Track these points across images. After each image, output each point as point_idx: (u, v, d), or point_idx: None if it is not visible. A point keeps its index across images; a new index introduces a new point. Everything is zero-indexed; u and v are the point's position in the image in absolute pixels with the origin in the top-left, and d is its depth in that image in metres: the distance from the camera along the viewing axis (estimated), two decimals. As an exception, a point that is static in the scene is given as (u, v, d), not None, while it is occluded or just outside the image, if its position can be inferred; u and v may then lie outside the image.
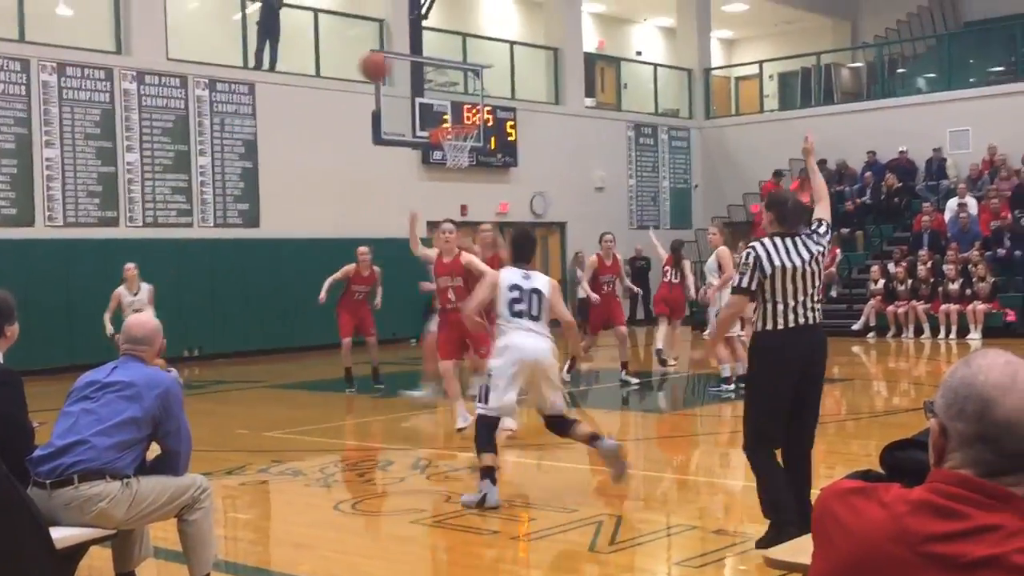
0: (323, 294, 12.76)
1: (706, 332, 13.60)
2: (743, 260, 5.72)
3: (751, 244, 5.79)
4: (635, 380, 12.90)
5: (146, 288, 12.65)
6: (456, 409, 9.44)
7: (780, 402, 5.56)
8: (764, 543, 5.22)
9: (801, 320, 5.58)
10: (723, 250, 11.81)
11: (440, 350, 9.54)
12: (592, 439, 7.13)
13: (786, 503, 5.44)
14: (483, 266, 9.11)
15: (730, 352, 11.60)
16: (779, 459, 5.63)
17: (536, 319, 7.12)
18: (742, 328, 11.29)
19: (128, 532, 4.59)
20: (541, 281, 7.25)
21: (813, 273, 5.62)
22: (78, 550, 4.43)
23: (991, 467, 1.67)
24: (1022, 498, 1.67)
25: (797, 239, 5.66)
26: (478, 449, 6.91)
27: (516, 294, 7.10)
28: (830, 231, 5.85)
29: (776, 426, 5.57)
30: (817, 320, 5.65)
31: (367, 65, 6.57)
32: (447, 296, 9.46)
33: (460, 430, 9.22)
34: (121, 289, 12.59)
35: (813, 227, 5.78)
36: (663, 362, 13.72)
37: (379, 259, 14.18)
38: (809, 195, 6.43)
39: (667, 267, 13.81)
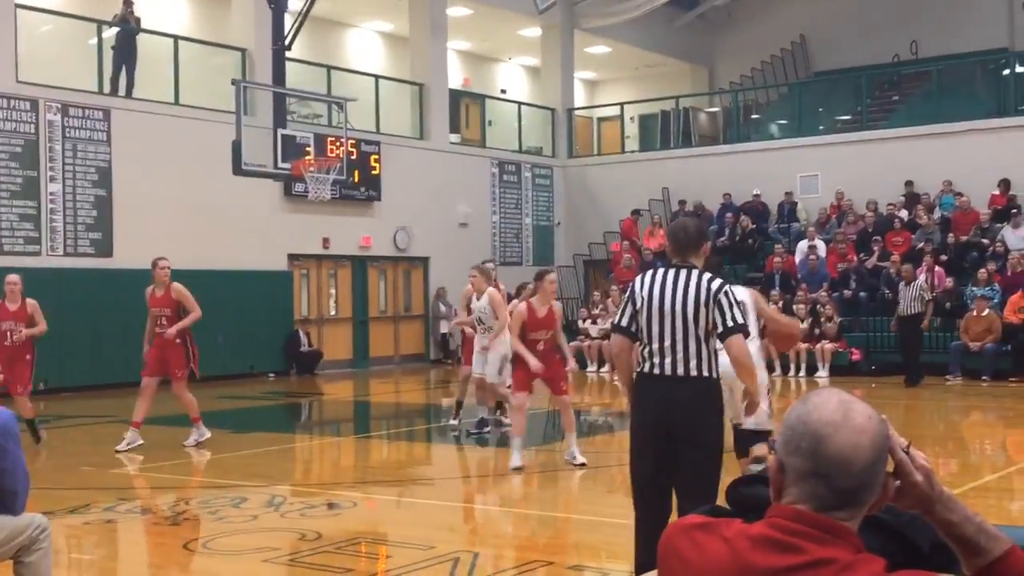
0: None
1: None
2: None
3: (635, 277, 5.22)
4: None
5: None
6: (516, 445, 9.38)
7: (639, 449, 5.03)
8: None
9: (668, 369, 4.88)
10: (493, 292, 11.23)
11: (515, 384, 9.53)
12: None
13: (641, 546, 5.06)
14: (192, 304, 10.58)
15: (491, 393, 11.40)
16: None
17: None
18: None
19: (-42, 575, 4.36)
20: (742, 293, 6.68)
21: (687, 317, 4.86)
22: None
23: (824, 502, 1.72)
24: (855, 532, 1.73)
25: (683, 272, 4.94)
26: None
27: None
28: (734, 302, 4.98)
29: (640, 470, 5.02)
30: (691, 372, 4.88)
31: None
32: (536, 347, 9.40)
33: (517, 469, 9.15)
34: None
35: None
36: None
37: (237, 292, 13.75)
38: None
39: None
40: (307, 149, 15.76)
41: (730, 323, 4.86)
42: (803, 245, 21.02)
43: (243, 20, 19.89)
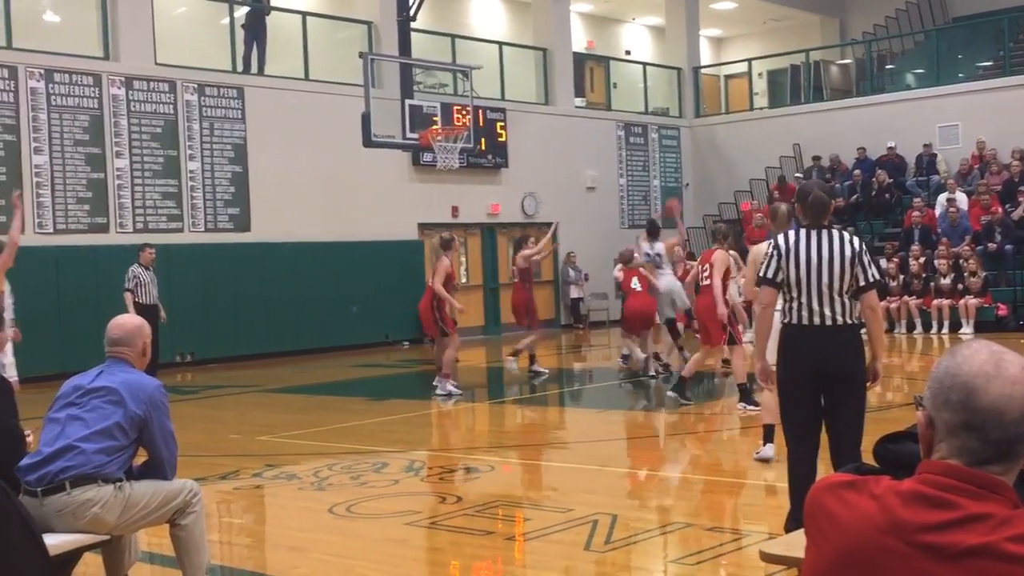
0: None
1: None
2: (767, 250, 5.58)
3: (777, 236, 5.57)
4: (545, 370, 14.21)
5: None
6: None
7: (795, 394, 5.47)
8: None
9: (817, 319, 5.34)
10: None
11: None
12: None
13: (795, 498, 5.47)
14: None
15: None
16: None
17: None
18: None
19: (118, 537, 4.57)
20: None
21: (839, 272, 5.34)
22: (72, 557, 4.40)
23: (977, 456, 1.67)
24: (1011, 486, 1.68)
25: (824, 232, 5.41)
26: None
27: None
28: (871, 260, 5.48)
29: (798, 420, 5.49)
30: (838, 321, 5.35)
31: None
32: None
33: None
34: None
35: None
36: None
37: (369, 262, 13.99)
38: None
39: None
40: (434, 119, 15.92)
41: (872, 279, 5.44)
42: (943, 198, 20.32)
43: (368, -7, 20.12)
